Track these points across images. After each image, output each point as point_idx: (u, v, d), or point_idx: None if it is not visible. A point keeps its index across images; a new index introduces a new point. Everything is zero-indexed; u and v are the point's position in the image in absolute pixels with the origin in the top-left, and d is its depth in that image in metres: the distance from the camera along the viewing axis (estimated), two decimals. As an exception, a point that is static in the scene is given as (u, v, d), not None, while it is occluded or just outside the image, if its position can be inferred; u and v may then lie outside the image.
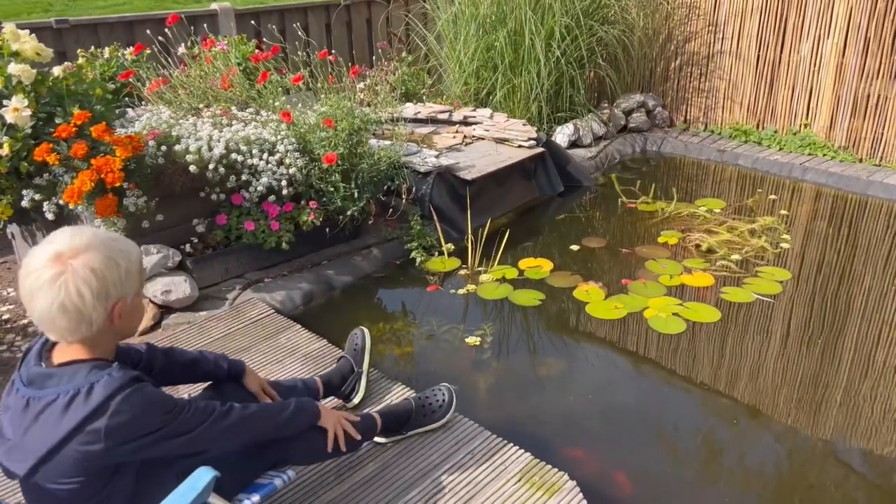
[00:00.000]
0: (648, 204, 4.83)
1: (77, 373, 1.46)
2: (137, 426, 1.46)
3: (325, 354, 2.91)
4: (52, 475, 1.45)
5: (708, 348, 3.17)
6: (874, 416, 2.68)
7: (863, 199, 4.98)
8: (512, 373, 3.03)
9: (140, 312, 1.63)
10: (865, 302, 3.54)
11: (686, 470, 2.49)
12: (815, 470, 2.41)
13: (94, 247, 1.45)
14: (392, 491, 2.15)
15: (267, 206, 3.52)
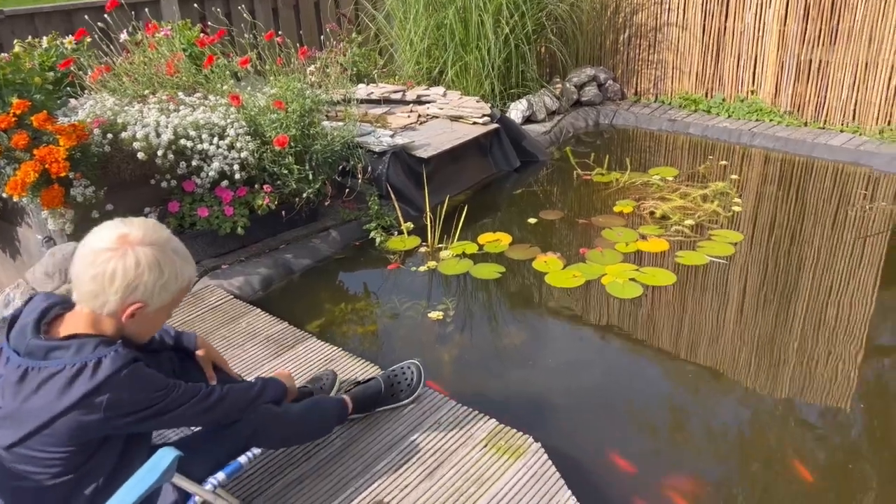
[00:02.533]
0: (603, 175, 4.89)
1: (84, 346, 1.49)
2: (136, 401, 1.52)
3: (287, 336, 2.89)
4: (42, 443, 1.48)
5: (666, 312, 3.24)
6: (827, 373, 2.77)
7: (809, 161, 5.12)
8: (475, 344, 3.05)
9: (154, 327, 1.67)
10: (816, 261, 3.65)
11: (650, 430, 2.55)
12: (774, 431, 2.46)
13: (155, 246, 1.54)
14: (360, 464, 2.16)
15: (220, 191, 3.46)
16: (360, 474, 2.12)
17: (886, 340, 3.00)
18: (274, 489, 2.08)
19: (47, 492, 1.56)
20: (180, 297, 1.65)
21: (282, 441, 2.04)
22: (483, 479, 2.08)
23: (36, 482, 1.54)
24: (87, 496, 1.60)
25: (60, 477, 1.54)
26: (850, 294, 3.32)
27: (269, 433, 1.91)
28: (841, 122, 5.44)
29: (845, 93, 5.35)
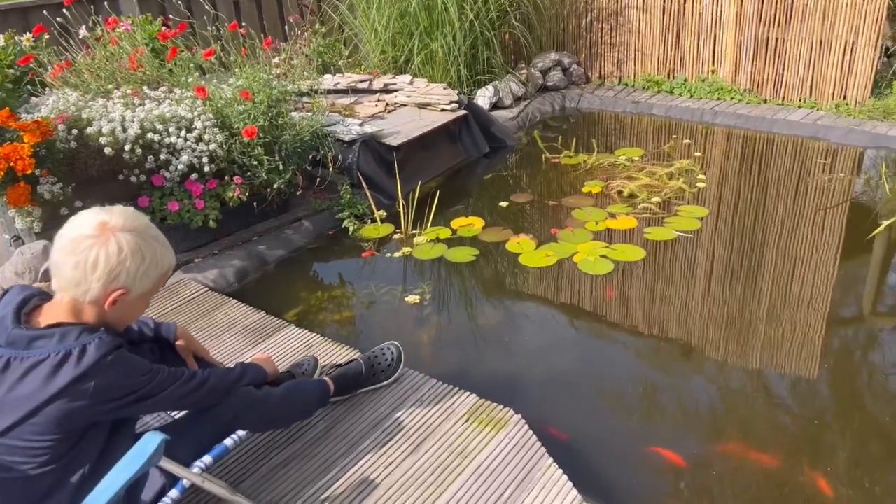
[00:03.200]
0: (571, 157, 4.95)
1: (68, 334, 1.49)
2: (121, 386, 1.53)
3: (265, 325, 2.90)
4: (27, 433, 1.47)
5: (637, 287, 3.32)
6: (794, 344, 2.85)
7: (770, 136, 5.25)
8: (453, 326, 3.09)
9: (134, 314, 1.67)
10: (780, 233, 3.75)
11: (625, 399, 2.62)
12: (745, 404, 2.52)
13: (135, 233, 1.54)
14: (345, 444, 2.18)
15: (190, 184, 3.44)
16: (345, 454, 2.15)
17: (848, 310, 3.11)
18: (260, 472, 2.10)
19: (33, 481, 1.55)
20: (160, 283, 1.65)
21: (265, 424, 2.06)
22: (467, 452, 2.12)
23: (21, 472, 1.53)
24: (74, 483, 1.59)
25: (46, 466, 1.54)
26: (814, 265, 3.43)
27: (252, 416, 1.93)
28: (798, 98, 5.58)
29: (802, 70, 5.49)
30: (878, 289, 3.31)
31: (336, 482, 2.04)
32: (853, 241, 3.64)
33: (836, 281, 3.28)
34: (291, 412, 2.11)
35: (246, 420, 1.92)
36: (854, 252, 3.54)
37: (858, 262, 3.48)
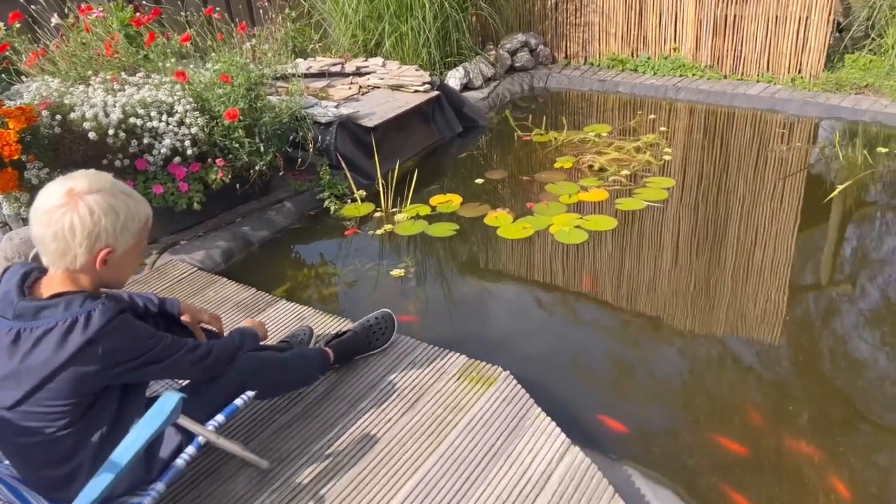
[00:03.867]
0: (542, 135, 5.10)
1: (72, 302, 1.55)
2: (128, 349, 1.60)
3: (257, 301, 2.99)
4: (44, 399, 1.55)
5: (610, 256, 3.48)
6: (757, 312, 3.00)
7: (730, 110, 5.46)
8: (438, 296, 3.22)
9: (128, 270, 1.71)
10: (742, 201, 3.95)
11: (604, 356, 2.78)
12: (712, 374, 2.64)
13: (103, 192, 1.56)
14: (345, 404, 2.30)
15: (173, 168, 3.50)
16: (345, 413, 2.27)
17: (807, 276, 3.30)
18: (266, 433, 2.21)
19: (54, 444, 1.63)
20: (143, 236, 1.69)
21: (271, 388, 2.15)
22: (460, 406, 2.26)
23: (43, 436, 1.61)
24: (95, 443, 1.68)
25: (65, 429, 1.61)
26: (774, 230, 3.64)
27: (259, 381, 2.02)
28: (757, 73, 5.80)
29: (759, 45, 5.70)
30: (835, 253, 3.52)
31: (338, 439, 2.16)
32: (811, 208, 3.85)
33: (796, 245, 3.48)
34: (295, 379, 2.23)
35: (253, 385, 2.02)
36: (812, 217, 3.75)
37: (816, 227, 3.69)
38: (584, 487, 1.91)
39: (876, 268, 3.28)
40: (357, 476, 2.01)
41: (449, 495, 1.92)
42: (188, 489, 2.01)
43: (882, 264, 3.30)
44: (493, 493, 1.92)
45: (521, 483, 1.94)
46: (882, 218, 3.75)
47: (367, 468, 2.04)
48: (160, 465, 1.80)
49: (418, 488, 1.96)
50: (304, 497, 1.95)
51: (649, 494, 2.01)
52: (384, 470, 2.03)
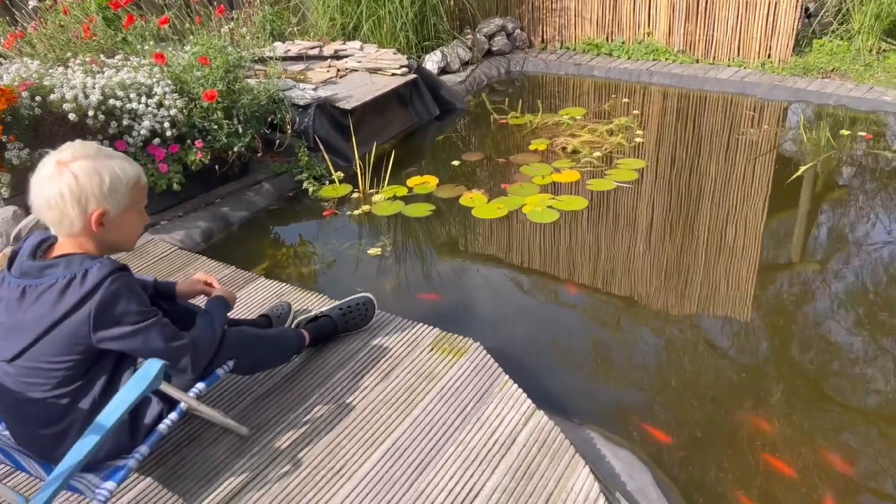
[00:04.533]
0: (518, 118, 5.19)
1: (72, 261, 1.66)
2: (121, 308, 1.67)
3: (236, 278, 3.07)
4: (41, 353, 1.65)
5: (580, 233, 3.60)
6: (729, 291, 3.12)
7: (702, 94, 5.59)
8: (414, 273, 3.32)
9: (130, 230, 1.79)
10: (712, 181, 4.08)
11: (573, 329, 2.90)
12: (689, 355, 2.73)
13: (87, 158, 1.65)
14: (321, 376, 2.40)
15: (152, 149, 3.55)
16: (321, 384, 2.36)
17: (775, 256, 3.44)
18: (244, 403, 2.30)
19: (49, 403, 1.72)
20: (137, 196, 1.76)
21: (249, 365, 2.23)
22: (432, 375, 2.37)
23: (39, 394, 1.70)
24: (86, 409, 1.77)
25: (60, 388, 1.71)
26: (740, 208, 3.77)
27: (239, 358, 2.10)
28: (728, 58, 5.93)
29: (730, 30, 5.83)
30: (799, 230, 3.66)
31: (315, 407, 2.26)
32: (776, 188, 3.99)
33: (762, 224, 3.62)
34: (272, 358, 2.32)
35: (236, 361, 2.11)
36: (777, 197, 3.89)
37: (779, 205, 3.83)
38: (546, 448, 2.03)
39: (834, 243, 3.43)
40: (332, 441, 2.12)
41: (420, 457, 2.03)
42: (171, 454, 2.10)
43: (841, 240, 3.45)
44: (462, 454, 2.03)
45: (489, 445, 2.06)
46: (842, 197, 3.90)
47: (343, 434, 2.14)
48: (144, 430, 1.89)
49: (391, 451, 2.06)
50: (281, 461, 2.05)
51: (609, 454, 2.13)
52: (359, 435, 2.13)
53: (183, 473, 2.03)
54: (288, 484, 1.97)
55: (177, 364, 1.84)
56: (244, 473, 2.01)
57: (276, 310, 2.63)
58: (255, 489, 1.96)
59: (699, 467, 2.17)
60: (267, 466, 2.04)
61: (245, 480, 1.99)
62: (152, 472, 2.04)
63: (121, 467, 1.80)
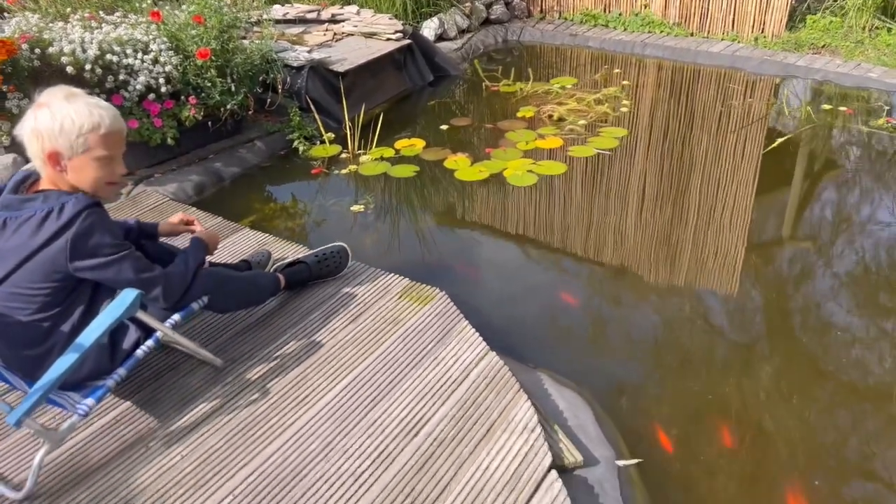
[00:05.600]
0: (509, 86, 5.29)
1: (50, 196, 1.82)
2: (96, 240, 1.82)
3: (222, 228, 3.23)
4: (22, 280, 1.81)
5: (555, 197, 3.73)
6: (716, 264, 3.21)
7: (693, 67, 5.66)
8: (393, 229, 3.47)
9: (88, 175, 1.87)
10: (690, 150, 4.19)
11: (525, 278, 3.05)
12: (685, 332, 2.77)
13: (53, 102, 1.80)
14: (295, 316, 2.56)
15: (148, 104, 3.69)
16: (294, 324, 2.53)
17: (763, 230, 3.54)
18: (222, 339, 2.47)
19: (32, 326, 1.89)
20: (98, 143, 1.84)
21: (223, 303, 2.39)
22: (398, 320, 2.53)
23: (23, 317, 1.87)
24: (66, 332, 1.93)
25: (42, 312, 1.88)
26: (716, 180, 3.89)
27: (215, 295, 2.26)
28: (722, 32, 5.98)
29: (724, 4, 5.87)
30: (769, 197, 3.78)
31: (286, 345, 2.43)
32: (752, 157, 4.10)
33: (733, 189, 3.74)
34: (248, 298, 2.47)
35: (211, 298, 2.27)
36: (751, 166, 4.00)
37: (753, 174, 3.94)
38: (494, 384, 2.19)
39: (806, 212, 3.55)
40: (300, 374, 2.29)
41: (378, 390, 2.20)
42: (151, 381, 2.28)
43: (810, 209, 3.57)
44: (416, 389, 2.20)
45: (442, 380, 2.22)
46: (814, 168, 4.00)
47: (310, 368, 2.31)
48: (122, 355, 2.06)
49: (352, 384, 2.23)
50: (252, 390, 2.22)
51: (555, 394, 2.29)
52: (324, 369, 2.30)
53: (160, 398, 2.21)
54: (255, 410, 2.14)
55: (149, 294, 1.99)
56: (216, 400, 2.19)
57: (256, 256, 2.80)
58: (226, 413, 2.13)
59: (638, 409, 2.33)
60: (238, 394, 2.21)
61: (217, 406, 2.17)
62: (132, 397, 2.22)
63: (100, 387, 1.97)
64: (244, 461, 1.96)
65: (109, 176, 1.92)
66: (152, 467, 1.95)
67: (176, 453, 1.99)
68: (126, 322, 2.05)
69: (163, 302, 2.04)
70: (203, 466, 1.95)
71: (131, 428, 2.09)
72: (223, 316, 2.57)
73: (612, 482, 1.96)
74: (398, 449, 1.97)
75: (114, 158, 1.92)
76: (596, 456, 2.04)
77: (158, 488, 1.88)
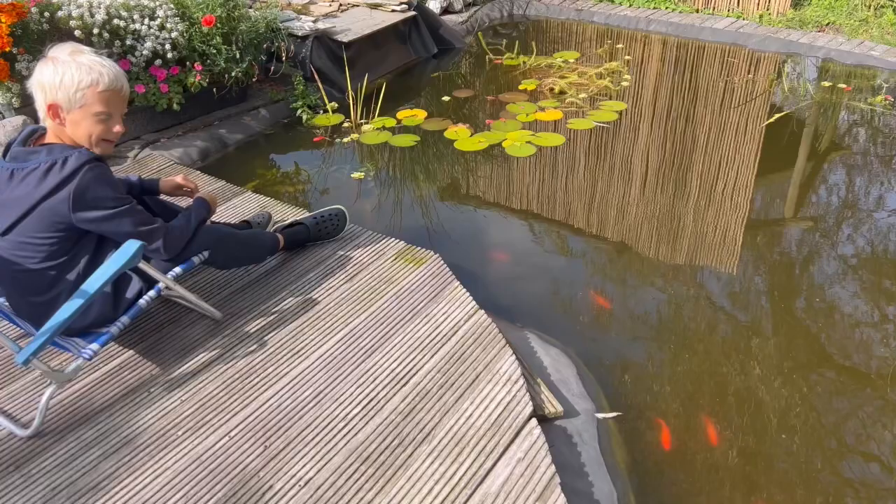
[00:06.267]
0: (512, 59, 5.33)
1: (54, 149, 1.90)
2: (97, 194, 1.90)
3: (225, 192, 3.31)
4: (29, 230, 1.91)
5: (552, 168, 3.80)
6: (716, 239, 3.25)
7: (697, 43, 5.68)
8: (391, 195, 3.55)
9: (83, 130, 1.95)
10: (686, 126, 4.24)
11: (529, 241, 3.13)
12: (689, 308, 2.80)
13: (57, 59, 1.89)
14: (293, 275, 2.66)
15: (154, 70, 3.77)
16: (293, 282, 2.62)
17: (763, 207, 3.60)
18: (222, 295, 2.56)
19: (38, 275, 1.98)
20: (94, 100, 1.91)
21: (223, 259, 2.48)
22: (392, 279, 2.61)
23: (30, 266, 1.97)
24: (72, 281, 2.03)
25: (46, 262, 1.97)
26: (710, 152, 3.94)
27: (215, 252, 2.36)
28: (728, 9, 5.98)
29: (731, -20, 5.87)
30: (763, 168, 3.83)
31: (284, 301, 2.52)
32: (747, 132, 4.14)
33: (728, 162, 3.79)
34: (247, 255, 2.56)
35: (212, 253, 2.36)
36: (746, 140, 4.05)
37: (748, 147, 4.00)
38: (482, 340, 2.28)
39: (805, 186, 3.60)
40: (296, 328, 2.38)
41: (371, 343, 2.29)
42: (153, 332, 2.38)
43: (810, 183, 3.62)
44: (407, 343, 2.29)
45: (432, 336, 2.31)
46: (810, 145, 4.05)
47: (306, 322, 2.41)
48: (125, 304, 2.15)
49: (345, 338, 2.32)
50: (250, 342, 2.32)
51: (540, 351, 2.38)
52: (320, 324, 2.40)
53: (162, 348, 2.31)
54: (253, 360, 2.24)
55: (150, 245, 2.08)
56: (215, 350, 2.29)
57: (256, 217, 2.88)
58: (224, 362, 2.23)
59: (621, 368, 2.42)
60: (236, 346, 2.31)
61: (216, 355, 2.27)
62: (135, 346, 2.32)
63: (104, 333, 2.07)
64: (241, 406, 2.06)
65: (105, 132, 1.99)
66: (154, 409, 2.05)
67: (176, 398, 2.10)
68: (129, 273, 2.15)
69: (164, 254, 2.13)
70: (202, 410, 2.05)
71: (134, 374, 2.20)
72: (223, 273, 2.66)
73: (590, 433, 2.06)
74: (387, 397, 2.07)
75: (111, 116, 1.99)
76: (576, 408, 2.14)
77: (159, 429, 1.99)
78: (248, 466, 1.86)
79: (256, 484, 1.81)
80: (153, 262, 2.19)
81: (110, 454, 1.91)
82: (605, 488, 1.88)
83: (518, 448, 1.88)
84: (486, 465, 1.83)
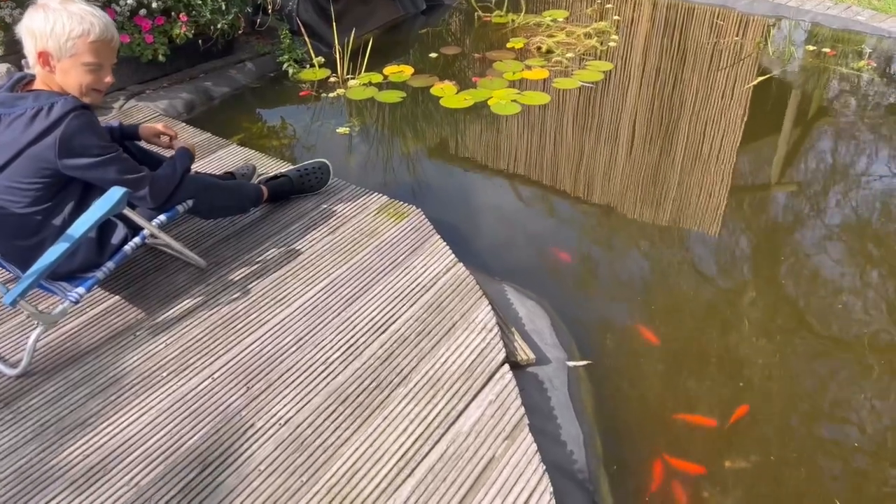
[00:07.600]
0: (501, 17, 5.31)
1: (40, 96, 1.92)
2: (83, 141, 1.93)
3: (210, 144, 3.33)
4: (16, 174, 1.94)
5: (537, 126, 3.83)
6: (700, 203, 3.28)
7: (688, 6, 5.66)
8: (376, 151, 3.58)
9: (73, 79, 1.97)
10: (670, 86, 4.27)
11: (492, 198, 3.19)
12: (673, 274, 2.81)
13: (48, 7, 1.89)
14: (277, 227, 2.70)
15: (139, 20, 3.74)
16: (277, 233, 2.67)
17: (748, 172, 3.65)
18: (206, 244, 2.61)
19: (25, 218, 2.02)
20: (85, 50, 1.93)
21: (209, 209, 2.52)
22: (374, 232, 2.67)
23: (17, 210, 2.00)
24: (57, 226, 2.07)
25: (34, 206, 2.00)
26: (696, 112, 3.98)
27: (198, 201, 2.39)
28: (719, -30, 5.94)
29: (723, -59, 5.82)
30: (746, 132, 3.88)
31: (267, 251, 2.57)
32: (729, 94, 4.18)
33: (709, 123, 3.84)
34: (231, 205, 2.60)
35: (195, 202, 2.40)
36: (728, 102, 4.09)
37: (730, 109, 4.04)
38: (459, 290, 2.35)
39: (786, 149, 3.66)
40: (279, 277, 2.44)
41: (352, 293, 2.36)
42: (139, 279, 2.43)
43: (790, 146, 3.68)
44: (387, 292, 2.35)
45: (411, 286, 2.38)
46: (792, 108, 4.09)
47: (288, 272, 2.46)
48: (111, 250, 2.20)
49: (327, 287, 2.38)
50: (233, 290, 2.38)
51: (516, 303, 2.45)
52: (302, 274, 2.45)
53: (147, 294, 2.36)
54: (236, 306, 2.30)
55: (136, 193, 2.12)
56: (200, 297, 2.35)
57: (241, 169, 2.91)
58: (208, 308, 2.29)
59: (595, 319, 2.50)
60: (220, 293, 2.37)
61: (200, 302, 2.32)
62: (121, 292, 2.37)
63: (90, 278, 2.12)
64: (224, 350, 2.13)
65: (95, 82, 2.02)
66: (139, 352, 2.12)
67: (161, 341, 2.16)
68: (114, 219, 2.19)
69: (150, 202, 2.17)
70: (186, 353, 2.11)
71: (120, 318, 2.25)
72: (208, 223, 2.71)
73: (561, 379, 2.15)
74: (366, 343, 2.14)
75: (102, 66, 2.01)
76: (548, 356, 2.22)
77: (144, 370, 2.05)
78: (231, 406, 1.93)
79: (238, 423, 1.88)
80: (138, 210, 2.23)
81: (97, 393, 1.98)
82: (573, 431, 1.98)
83: (490, 391, 1.96)
84: (459, 407, 1.92)
